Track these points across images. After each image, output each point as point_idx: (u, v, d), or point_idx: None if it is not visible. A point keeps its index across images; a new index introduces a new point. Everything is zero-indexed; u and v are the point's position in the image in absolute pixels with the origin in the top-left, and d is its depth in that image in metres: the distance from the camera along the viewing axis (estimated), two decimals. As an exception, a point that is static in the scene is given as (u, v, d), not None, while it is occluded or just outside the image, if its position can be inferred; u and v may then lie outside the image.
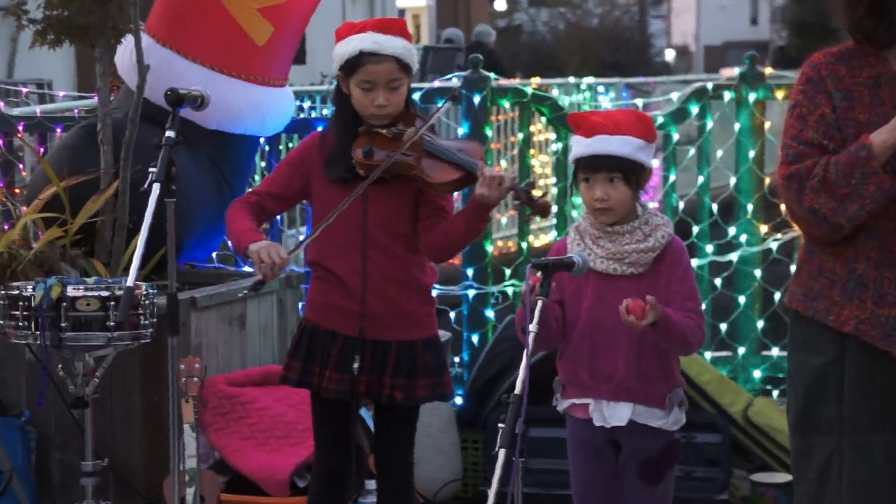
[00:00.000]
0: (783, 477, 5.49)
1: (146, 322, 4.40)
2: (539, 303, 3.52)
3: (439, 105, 4.45)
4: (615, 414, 3.85)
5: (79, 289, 4.32)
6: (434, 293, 5.92)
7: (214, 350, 5.33)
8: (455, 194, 4.34)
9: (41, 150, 6.34)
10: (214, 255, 6.27)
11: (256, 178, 6.87)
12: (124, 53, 5.60)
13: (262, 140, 6.23)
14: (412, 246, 4.19)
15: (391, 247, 4.16)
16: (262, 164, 6.85)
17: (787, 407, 3.49)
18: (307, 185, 4.23)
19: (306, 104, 6.41)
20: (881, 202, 3.15)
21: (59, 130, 6.56)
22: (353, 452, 4.39)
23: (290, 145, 7.31)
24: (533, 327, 3.49)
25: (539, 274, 3.58)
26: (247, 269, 6.38)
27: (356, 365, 4.13)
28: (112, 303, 4.27)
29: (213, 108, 4.32)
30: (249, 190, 4.34)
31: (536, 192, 3.99)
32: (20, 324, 4.31)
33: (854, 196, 3.16)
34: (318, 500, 4.37)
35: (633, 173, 3.84)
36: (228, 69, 5.65)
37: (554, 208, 6.58)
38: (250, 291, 4.14)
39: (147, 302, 4.40)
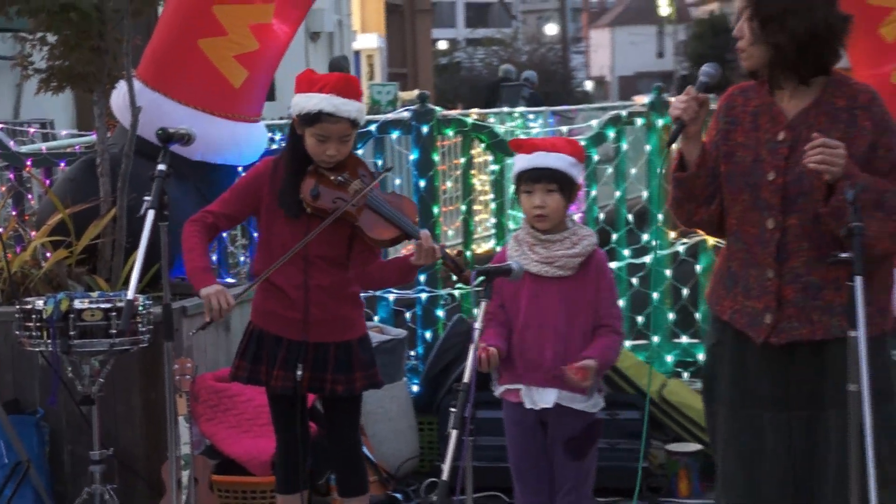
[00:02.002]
0: (694, 446, 5.53)
1: (144, 329, 4.40)
2: (483, 304, 3.56)
3: (381, 172, 4.47)
4: (543, 398, 3.87)
5: (84, 302, 4.31)
6: (391, 297, 5.95)
7: (203, 351, 5.32)
8: None
9: (47, 182, 6.30)
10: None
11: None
12: (118, 97, 5.59)
13: (240, 168, 6.22)
14: (344, 264, 4.20)
15: (327, 267, 4.16)
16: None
17: None
18: (257, 207, 4.23)
19: (277, 136, 6.40)
20: (674, 186, 3.30)
21: (62, 164, 6.52)
22: (306, 437, 4.38)
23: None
24: (478, 325, 3.52)
25: (482, 279, 3.63)
26: (229, 280, 6.39)
27: (299, 371, 4.14)
28: (114, 313, 4.27)
29: (197, 142, 4.31)
30: (205, 209, 4.28)
31: (461, 261, 4.06)
32: (33, 333, 4.30)
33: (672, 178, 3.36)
34: (282, 478, 4.40)
35: (566, 186, 3.89)
36: (210, 108, 5.64)
37: (492, 220, 6.62)
38: (200, 330, 4.18)
39: (144, 312, 4.41)
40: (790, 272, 3.24)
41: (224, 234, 6.59)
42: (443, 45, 56.24)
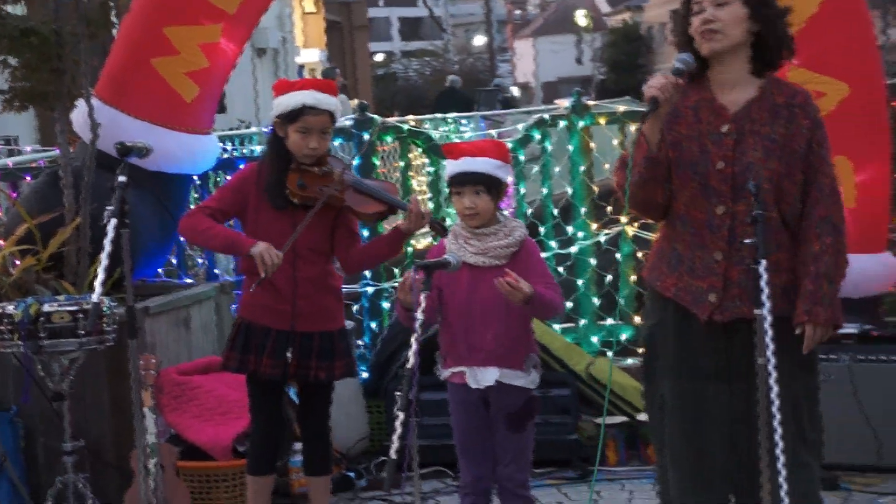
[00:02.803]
0: (620, 419, 5.58)
1: (109, 329, 4.37)
2: (423, 296, 3.58)
3: (366, 138, 4.55)
4: (486, 377, 3.88)
5: (53, 305, 4.29)
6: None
7: (166, 347, 5.29)
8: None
9: (14, 194, 6.22)
10: (161, 271, 6.21)
11: (191, 206, 6.81)
12: (78, 114, 5.53)
13: (194, 177, 6.19)
14: (329, 257, 4.26)
15: (314, 258, 4.20)
16: (196, 195, 6.79)
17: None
18: (244, 207, 4.24)
19: (228, 146, 6.37)
20: (641, 163, 3.21)
21: (27, 178, 6.45)
22: (284, 422, 4.42)
23: (218, 180, 7.24)
24: (419, 315, 3.55)
25: (422, 273, 3.66)
26: (188, 280, 6.35)
27: (289, 354, 4.19)
28: (80, 315, 4.25)
29: (153, 154, 4.29)
30: (202, 204, 4.32)
31: (447, 224, 4.14)
32: (5, 336, 4.28)
33: (624, 164, 3.26)
34: (257, 460, 4.39)
35: (493, 186, 3.90)
36: (164, 122, 5.60)
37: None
38: (257, 286, 4.07)
39: (109, 313, 4.38)
40: (737, 257, 3.23)
41: (182, 238, 6.56)
42: (380, 57, 56.17)
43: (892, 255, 5.60)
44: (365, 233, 5.70)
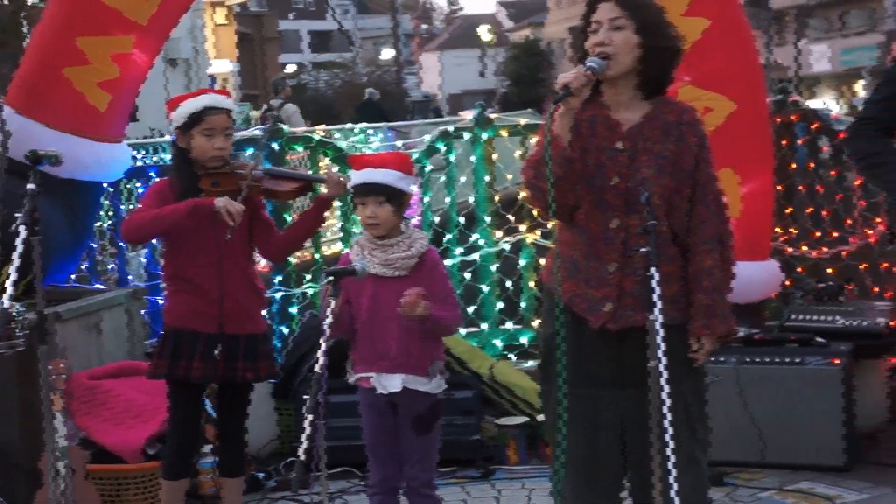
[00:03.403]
0: (520, 419, 5.61)
1: (20, 334, 4.26)
2: (331, 301, 3.57)
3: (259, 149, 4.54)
4: (391, 383, 3.89)
5: (-38, 311, 4.18)
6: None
7: (76, 352, 5.18)
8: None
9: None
10: (72, 276, 6.09)
11: (103, 213, 6.70)
12: (-11, 122, 5.41)
13: (106, 185, 6.09)
14: (251, 257, 4.26)
15: (238, 258, 4.18)
16: (107, 202, 6.69)
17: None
18: None
19: (140, 154, 6.28)
20: (557, 161, 3.16)
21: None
22: (200, 426, 4.38)
23: (129, 188, 7.13)
24: (328, 320, 3.54)
25: (331, 280, 3.64)
26: (99, 286, 6.24)
27: (217, 352, 4.16)
28: (-10, 321, 4.15)
29: (65, 162, 4.21)
30: (139, 207, 4.27)
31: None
32: (-84, 342, 4.16)
33: (540, 161, 3.19)
34: (174, 464, 4.34)
35: (395, 197, 3.89)
36: (76, 131, 5.49)
37: (339, 225, 6.63)
38: (228, 236, 4.07)
39: (20, 318, 4.26)
40: (631, 267, 3.26)
41: (93, 245, 6.46)
42: (290, 68, 55.74)
43: (775, 262, 5.73)
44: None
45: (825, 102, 35.25)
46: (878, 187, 3.92)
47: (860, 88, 40.84)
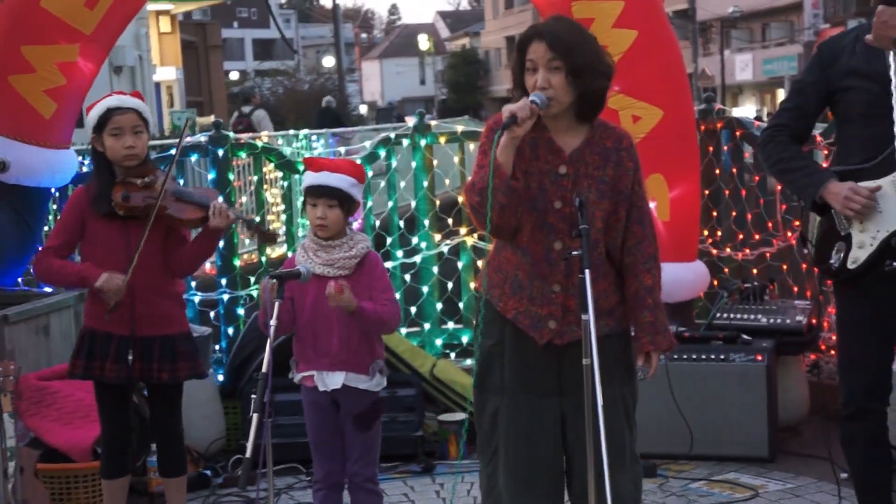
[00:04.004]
0: (461, 415, 5.62)
1: (-32, 337, 4.21)
2: (276, 304, 3.56)
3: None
4: (332, 380, 3.89)
5: (-89, 315, 4.11)
6: (197, 299, 5.85)
7: (25, 354, 5.11)
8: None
9: None
10: (20, 280, 6.00)
11: (51, 217, 6.60)
12: (-64, 128, 5.32)
13: (53, 190, 6.01)
14: (163, 262, 4.19)
15: (149, 265, 4.12)
16: (55, 206, 6.60)
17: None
18: (83, 228, 4.17)
19: (86, 160, 6.21)
20: (501, 190, 3.16)
21: None
22: (134, 423, 4.31)
23: (76, 192, 7.04)
24: (273, 322, 3.53)
25: (275, 282, 3.64)
26: (47, 289, 6.15)
27: (130, 357, 4.12)
28: (-61, 324, 4.08)
29: (13, 168, 4.17)
30: (46, 245, 4.25)
31: (259, 225, 4.11)
32: None
33: (484, 188, 3.18)
34: (108, 464, 4.30)
35: (345, 202, 3.91)
36: (22, 137, 5.42)
37: (284, 228, 6.58)
38: (110, 313, 4.10)
39: (-32, 322, 4.22)
40: (573, 287, 3.26)
41: (41, 248, 6.36)
42: (234, 75, 55.37)
43: (702, 263, 5.80)
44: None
45: (757, 110, 35.55)
46: (791, 191, 3.98)
47: (781, 96, 41.47)
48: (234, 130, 10.31)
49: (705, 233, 6.18)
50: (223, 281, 6.28)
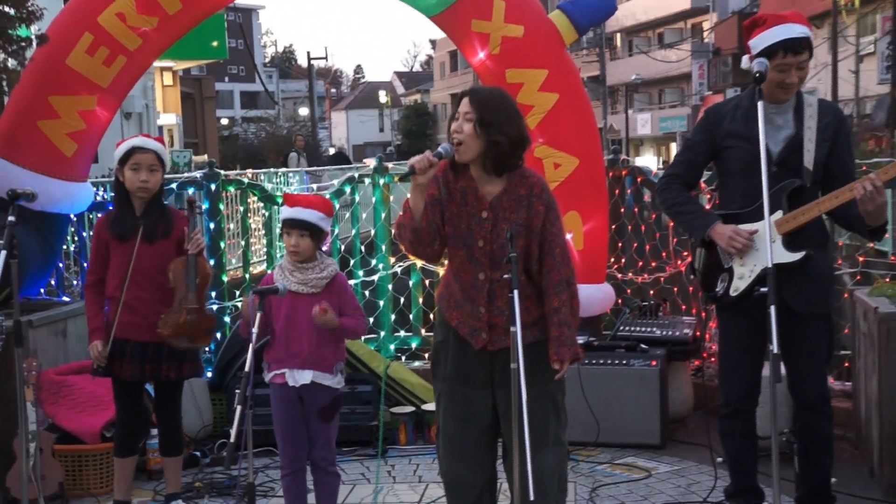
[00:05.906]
0: (409, 408, 5.62)
1: (-1, 339, 4.15)
2: (258, 315, 3.56)
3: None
4: (302, 377, 3.87)
5: (-51, 320, 4.04)
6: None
7: (46, 353, 5.05)
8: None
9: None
10: (42, 290, 5.92)
11: (68, 239, 6.52)
12: (-24, 164, 5.24)
13: (72, 216, 5.95)
14: (167, 279, 4.16)
15: (162, 282, 4.10)
16: (72, 228, 6.52)
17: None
18: (107, 252, 4.17)
19: (100, 190, 6.17)
20: (409, 228, 3.23)
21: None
22: (142, 412, 4.30)
23: (91, 217, 6.95)
24: (255, 329, 3.52)
25: (256, 297, 3.63)
26: (65, 298, 6.07)
27: (144, 360, 4.13)
28: (-25, 328, 4.02)
29: (38, 198, 4.12)
30: (87, 281, 4.23)
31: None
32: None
33: (400, 225, 3.27)
34: (121, 445, 4.28)
35: (315, 233, 3.91)
36: (48, 172, 5.37)
37: (264, 249, 6.54)
38: (94, 375, 4.18)
39: (-1, 325, 4.16)
40: (496, 309, 3.29)
41: (61, 264, 6.28)
42: (225, 121, 54.92)
43: (609, 285, 5.86)
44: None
45: (656, 161, 35.81)
46: (682, 230, 4.03)
47: (674, 148, 42.05)
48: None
49: (612, 260, 6.25)
50: (213, 293, 6.23)
